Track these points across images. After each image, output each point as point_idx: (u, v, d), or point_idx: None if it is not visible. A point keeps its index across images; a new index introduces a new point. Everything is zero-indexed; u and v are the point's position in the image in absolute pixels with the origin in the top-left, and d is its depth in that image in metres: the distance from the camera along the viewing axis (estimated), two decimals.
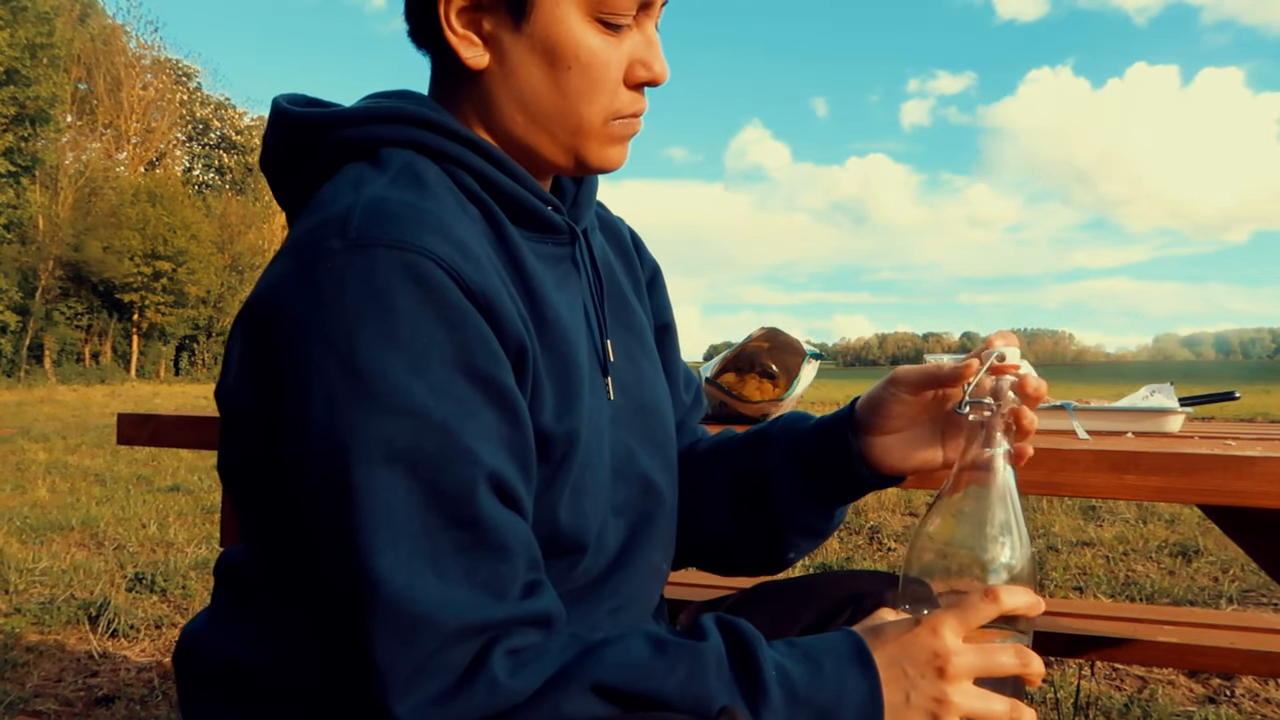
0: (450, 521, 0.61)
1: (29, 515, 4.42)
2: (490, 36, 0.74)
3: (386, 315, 0.60)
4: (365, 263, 0.61)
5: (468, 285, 0.63)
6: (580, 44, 0.73)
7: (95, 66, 35.05)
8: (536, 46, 0.73)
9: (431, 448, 0.60)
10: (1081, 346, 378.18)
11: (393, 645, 0.58)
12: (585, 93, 0.74)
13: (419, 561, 0.59)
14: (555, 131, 0.75)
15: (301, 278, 0.62)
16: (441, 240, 0.63)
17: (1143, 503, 4.60)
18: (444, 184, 0.71)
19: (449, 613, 0.59)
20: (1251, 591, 3.06)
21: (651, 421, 0.85)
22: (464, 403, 0.62)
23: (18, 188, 27.32)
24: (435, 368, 0.61)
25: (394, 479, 0.59)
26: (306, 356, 0.61)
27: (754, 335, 1.32)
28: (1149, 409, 1.23)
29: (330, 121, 0.73)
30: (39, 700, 2.08)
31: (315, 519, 0.61)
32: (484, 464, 0.62)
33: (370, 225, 0.63)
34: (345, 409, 0.59)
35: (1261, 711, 2.03)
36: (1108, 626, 1.61)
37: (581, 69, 0.73)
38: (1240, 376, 77.57)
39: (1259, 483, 0.89)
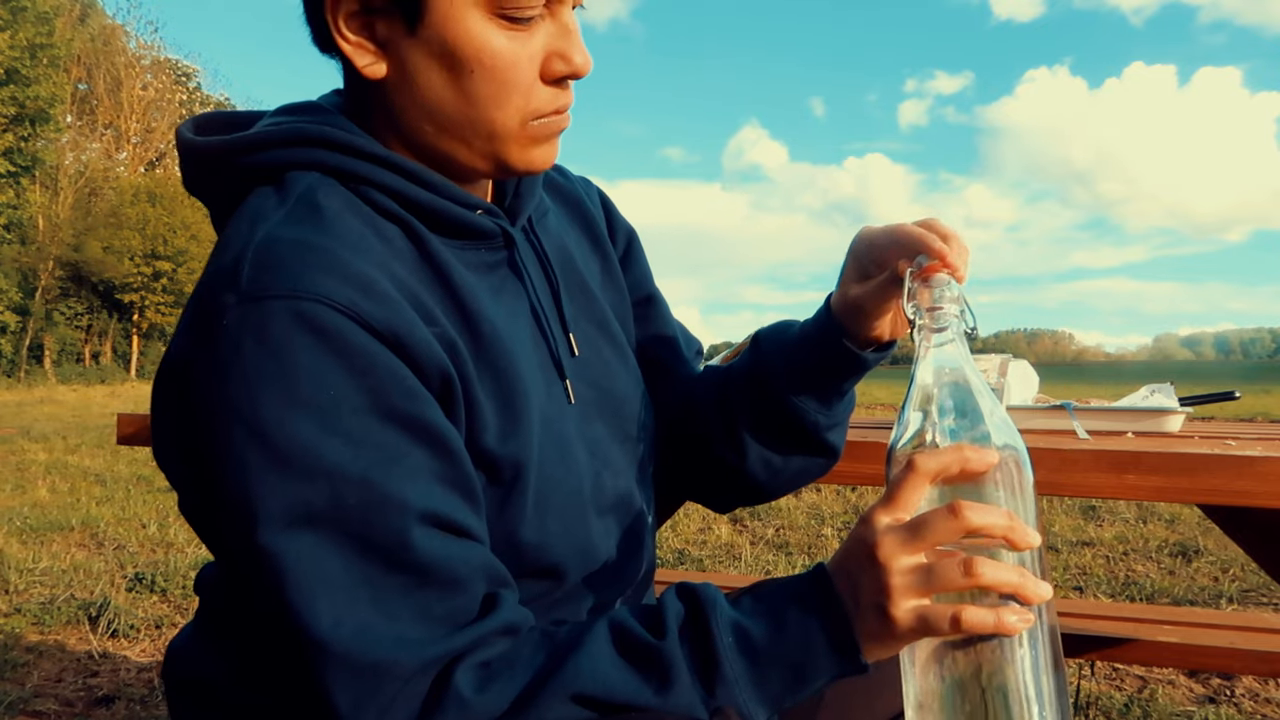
0: (391, 568, 0.59)
1: (29, 515, 4.42)
2: (385, 42, 0.68)
3: (286, 373, 0.58)
4: (258, 318, 0.58)
5: (370, 324, 0.60)
6: (482, 45, 0.66)
7: (95, 66, 35.05)
8: (434, 51, 0.67)
9: (354, 502, 0.58)
10: (1081, 346, 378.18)
11: (353, 694, 0.57)
12: (493, 97, 0.68)
13: (363, 611, 0.58)
14: (469, 139, 0.70)
15: (200, 339, 0.60)
16: (338, 281, 0.60)
17: (1143, 502, 4.60)
18: (350, 208, 0.67)
19: (407, 653, 0.58)
20: (1252, 591, 3.06)
21: (622, 412, 0.81)
22: (384, 448, 0.59)
23: (18, 188, 27.31)
24: (347, 419, 0.58)
25: (320, 541, 0.58)
26: (214, 426, 0.58)
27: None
28: (1149, 409, 1.23)
29: (232, 149, 0.70)
30: (39, 700, 2.08)
31: (254, 587, 0.59)
32: (414, 507, 0.60)
33: (261, 275, 0.60)
34: (259, 478, 0.57)
35: (1262, 711, 2.03)
36: (1108, 626, 1.61)
37: (486, 72, 0.67)
38: (1240, 376, 77.52)
39: (1259, 482, 0.89)
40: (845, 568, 0.61)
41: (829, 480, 1.06)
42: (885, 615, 0.58)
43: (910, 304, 0.67)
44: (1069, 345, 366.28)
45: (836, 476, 1.04)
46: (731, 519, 4.44)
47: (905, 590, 0.57)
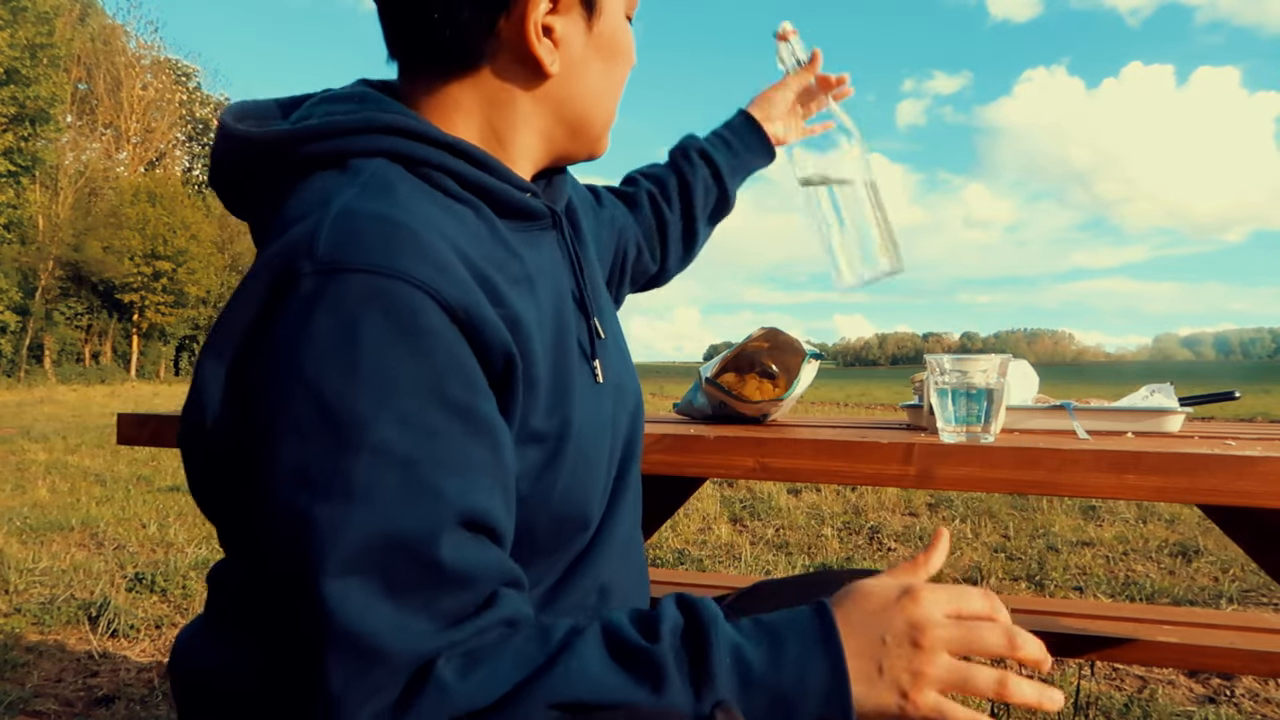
0: (410, 562, 0.59)
1: (29, 515, 4.42)
2: (561, 41, 0.75)
3: (354, 346, 0.59)
4: (335, 289, 0.59)
5: (445, 303, 0.61)
6: (628, 41, 0.79)
7: (95, 66, 35.03)
8: (601, 46, 0.77)
9: (393, 484, 0.59)
10: (1081, 346, 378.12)
11: (346, 674, 0.58)
12: (622, 82, 0.80)
13: (375, 595, 0.58)
14: (594, 124, 0.80)
15: (270, 303, 0.61)
16: (416, 259, 0.61)
17: (1143, 503, 4.60)
18: (420, 191, 0.69)
19: (404, 642, 0.59)
20: (1251, 591, 3.06)
21: (625, 388, 0.86)
22: (435, 435, 0.60)
23: (18, 188, 27.30)
24: (402, 399, 0.59)
25: (350, 514, 0.58)
26: (275, 387, 0.59)
27: (754, 335, 1.32)
28: (1149, 409, 1.23)
29: (296, 138, 0.70)
30: (39, 700, 2.08)
31: (275, 552, 0.60)
32: (452, 503, 0.60)
33: (339, 246, 0.60)
34: (310, 442, 0.58)
35: (1262, 711, 2.03)
36: (1108, 626, 1.61)
37: (626, 65, 0.80)
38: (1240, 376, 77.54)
39: (1259, 483, 0.89)
40: (877, 631, 0.62)
41: (829, 480, 1.06)
42: (905, 694, 0.61)
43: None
44: (1069, 345, 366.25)
45: (836, 476, 1.04)
46: (731, 519, 4.44)
47: (935, 683, 0.61)
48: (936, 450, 1.00)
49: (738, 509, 4.66)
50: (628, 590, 0.84)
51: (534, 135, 0.78)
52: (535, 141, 0.78)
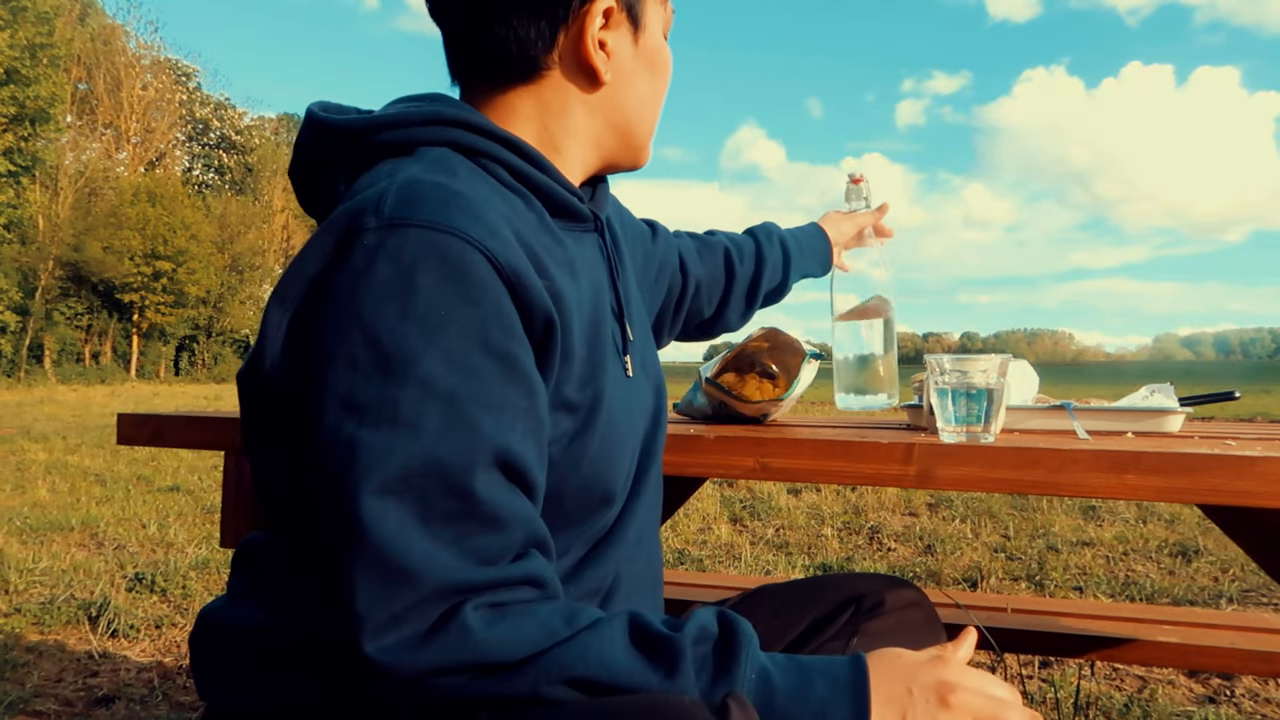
0: (446, 490, 0.63)
1: (29, 515, 4.42)
2: (612, 53, 0.82)
3: (409, 290, 0.64)
4: (396, 241, 0.64)
5: (496, 260, 0.66)
6: (667, 55, 0.87)
7: (95, 66, 35.05)
8: (645, 58, 0.85)
9: (436, 416, 0.63)
10: (1081, 346, 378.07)
11: (373, 592, 0.60)
12: (664, 92, 0.87)
13: (411, 519, 0.62)
14: (639, 133, 0.87)
15: (336, 254, 0.66)
16: (471, 220, 0.67)
17: (1143, 503, 4.60)
18: (478, 175, 0.75)
19: (433, 570, 0.61)
20: (1251, 591, 3.06)
21: (659, 396, 0.92)
22: (477, 375, 0.65)
23: (18, 188, 27.30)
24: (450, 340, 0.64)
25: (395, 442, 0.62)
26: (334, 326, 0.64)
27: (754, 335, 1.32)
28: (1149, 409, 1.23)
29: (371, 127, 0.77)
30: (39, 700, 2.08)
31: (320, 473, 0.63)
32: (488, 439, 0.64)
33: (403, 205, 0.66)
34: (362, 374, 0.63)
35: (1261, 711, 2.03)
36: (1108, 626, 1.61)
37: (666, 73, 0.86)
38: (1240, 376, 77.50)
39: (1259, 483, 0.89)
40: (906, 684, 0.66)
41: (829, 480, 1.06)
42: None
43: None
44: (1069, 345, 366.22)
45: (836, 476, 1.04)
46: (731, 519, 4.44)
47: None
48: (936, 450, 1.00)
49: (738, 509, 4.66)
50: (638, 585, 0.86)
51: (586, 141, 0.85)
52: (587, 147, 0.85)
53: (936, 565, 3.39)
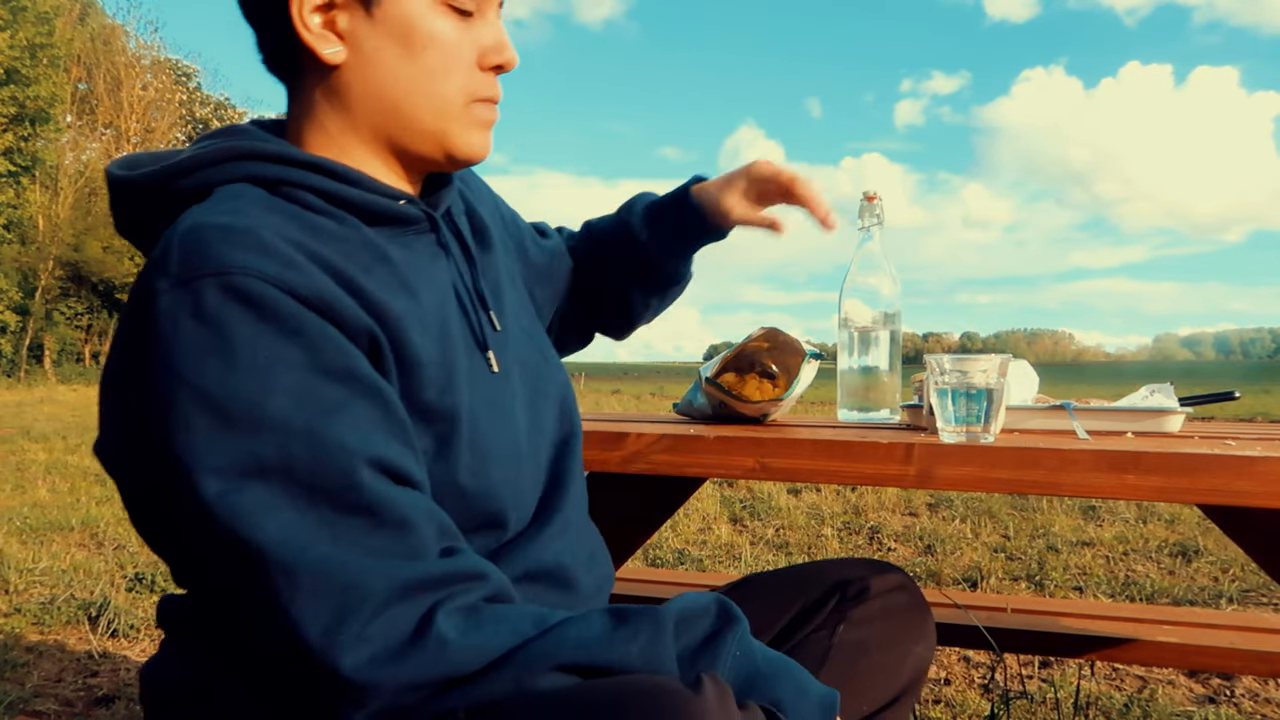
0: (343, 510, 0.62)
1: (29, 515, 4.42)
2: (346, 32, 0.76)
3: (224, 342, 0.62)
4: (192, 297, 0.63)
5: (296, 292, 0.65)
6: (433, 25, 0.76)
7: (95, 66, 35.03)
8: (391, 31, 0.76)
9: (301, 451, 0.62)
10: (1081, 346, 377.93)
11: (325, 619, 0.60)
12: (442, 71, 0.77)
13: (324, 546, 0.61)
14: (420, 117, 0.78)
15: (140, 324, 0.65)
16: (261, 256, 0.65)
17: (1143, 503, 4.60)
18: (273, 206, 0.72)
19: (375, 577, 0.61)
20: (1251, 591, 3.06)
21: (540, 383, 0.89)
22: (324, 401, 0.64)
23: (18, 187, 27.30)
24: (286, 377, 0.63)
25: (273, 489, 0.61)
26: (163, 401, 0.62)
27: (754, 335, 1.32)
28: (1149, 409, 1.23)
29: (168, 175, 0.74)
30: (39, 700, 2.08)
31: (216, 543, 0.62)
32: (359, 452, 0.64)
33: (188, 258, 0.64)
34: (209, 439, 0.61)
35: (1261, 711, 2.03)
36: (1108, 626, 1.61)
37: (437, 48, 0.76)
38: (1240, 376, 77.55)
39: (1259, 483, 0.89)
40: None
41: (829, 480, 1.06)
42: None
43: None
44: (1069, 345, 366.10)
45: (836, 476, 1.04)
46: (731, 519, 4.44)
47: None
48: (936, 450, 1.00)
49: (738, 509, 4.66)
50: (573, 569, 0.85)
51: (366, 135, 0.79)
52: (370, 142, 0.79)
53: (936, 565, 3.38)
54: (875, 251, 1.38)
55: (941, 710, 1.99)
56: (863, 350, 1.37)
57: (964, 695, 2.08)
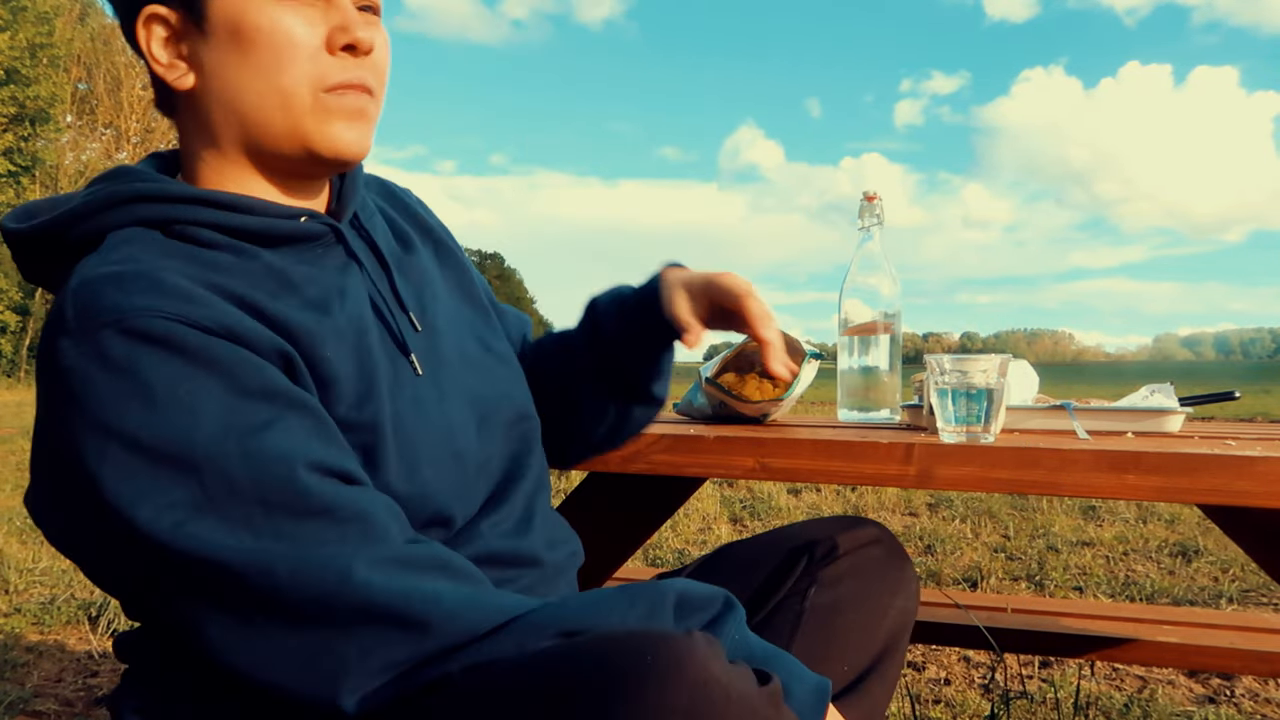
0: (300, 517, 0.62)
1: (28, 515, 4.42)
2: (190, 57, 0.76)
3: (140, 385, 0.62)
4: (96, 348, 0.62)
5: (199, 324, 0.64)
6: (259, 19, 0.73)
7: (95, 66, 35.01)
8: (224, 40, 0.74)
9: (242, 473, 0.62)
10: (1081, 346, 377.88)
11: (366, 641, 0.61)
12: (277, 62, 0.73)
13: (293, 557, 0.61)
14: (270, 118, 0.75)
15: (53, 385, 0.64)
16: (157, 296, 0.64)
17: (1143, 503, 4.60)
18: (164, 248, 0.71)
19: (353, 565, 0.62)
20: (1252, 591, 3.06)
21: (485, 366, 0.89)
22: (253, 420, 0.64)
23: (18, 187, 27.29)
24: (209, 406, 0.63)
25: (228, 516, 0.61)
26: (97, 456, 0.61)
27: None
28: (1149, 409, 1.23)
29: (53, 228, 0.74)
30: (39, 700, 2.08)
31: (185, 590, 0.62)
32: (299, 459, 0.64)
33: (84, 311, 0.64)
34: (155, 484, 0.61)
35: (1262, 711, 2.03)
36: (1108, 626, 1.61)
37: (266, 39, 0.73)
38: (1240, 376, 77.55)
39: (1259, 483, 0.89)
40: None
41: (829, 480, 1.06)
42: None
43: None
44: (1069, 345, 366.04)
45: (836, 476, 1.04)
46: (731, 519, 4.44)
47: None
48: (936, 450, 1.00)
49: (738, 509, 4.66)
50: (531, 551, 0.85)
51: (235, 155, 0.78)
52: (243, 161, 0.78)
53: (936, 565, 3.38)
54: (875, 251, 1.38)
55: (941, 710, 1.99)
56: (863, 350, 1.37)
57: (964, 695, 2.08)
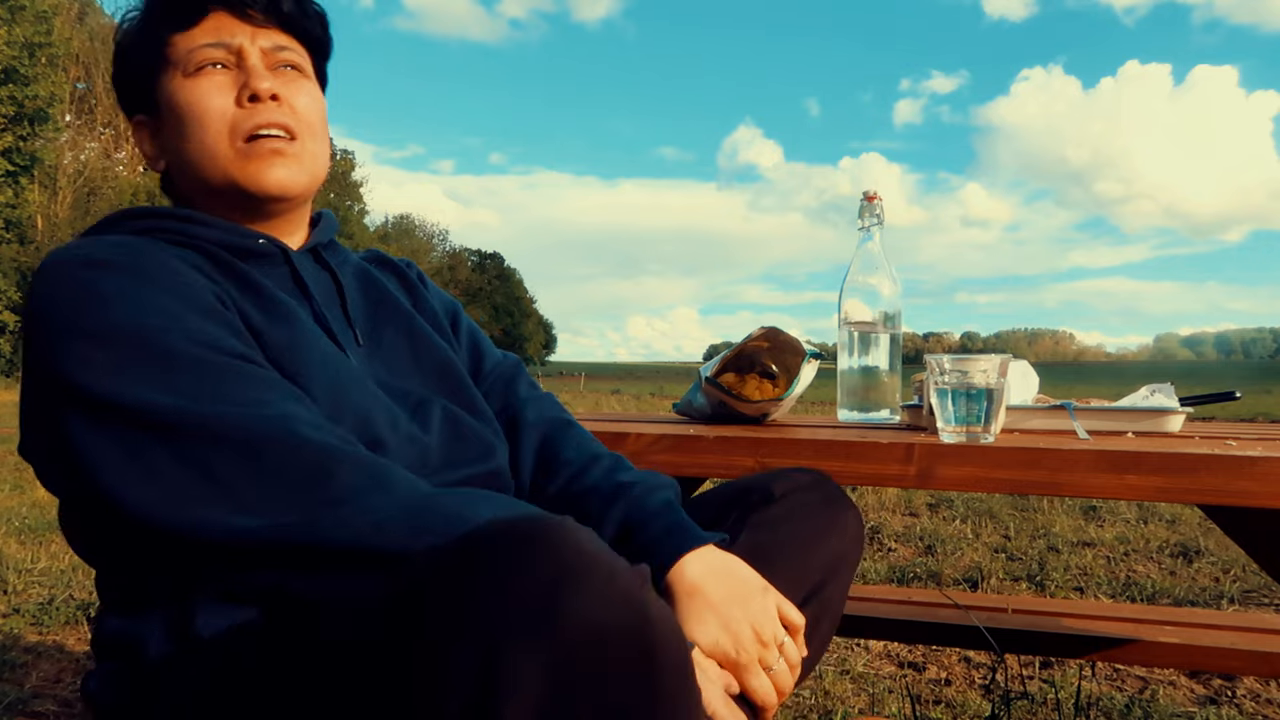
0: (237, 379, 0.73)
1: (28, 515, 4.42)
2: (159, 145, 0.94)
3: (96, 295, 0.74)
4: (61, 277, 0.76)
5: (154, 258, 0.79)
6: (182, 95, 0.89)
7: (94, 66, 35.01)
8: (168, 122, 0.91)
9: (183, 348, 0.72)
10: (1082, 346, 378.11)
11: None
12: (198, 127, 0.89)
13: (232, 403, 0.72)
14: (207, 174, 0.90)
15: (31, 323, 0.75)
16: (117, 246, 0.79)
17: (1143, 503, 4.59)
18: (146, 239, 0.83)
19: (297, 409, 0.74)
20: (1253, 592, 3.05)
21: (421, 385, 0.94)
22: (191, 317, 0.75)
23: (16, 187, 27.31)
24: (158, 303, 0.74)
25: (162, 381, 0.71)
26: (60, 358, 0.72)
27: (754, 335, 1.32)
28: (1149, 409, 1.23)
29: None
30: (38, 700, 2.08)
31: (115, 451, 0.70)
32: (228, 345, 0.76)
33: (54, 257, 0.78)
34: (107, 364, 0.71)
35: (1263, 712, 2.03)
36: (1109, 627, 1.60)
37: (187, 111, 0.89)
38: (1241, 376, 77.66)
39: (1260, 483, 0.89)
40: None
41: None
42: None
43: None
44: (1069, 345, 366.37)
45: (836, 476, 1.03)
46: None
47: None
48: (936, 450, 0.99)
49: None
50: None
51: (203, 206, 0.92)
52: (210, 211, 0.91)
53: (937, 565, 3.38)
54: (875, 251, 1.37)
55: (942, 711, 1.99)
56: (863, 350, 1.37)
57: (965, 696, 2.08)
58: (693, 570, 0.81)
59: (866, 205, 1.39)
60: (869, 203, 1.39)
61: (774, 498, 0.96)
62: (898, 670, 2.27)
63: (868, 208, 1.39)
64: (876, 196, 1.39)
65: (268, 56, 0.92)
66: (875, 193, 1.39)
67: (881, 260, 1.37)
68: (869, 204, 1.39)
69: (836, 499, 0.98)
